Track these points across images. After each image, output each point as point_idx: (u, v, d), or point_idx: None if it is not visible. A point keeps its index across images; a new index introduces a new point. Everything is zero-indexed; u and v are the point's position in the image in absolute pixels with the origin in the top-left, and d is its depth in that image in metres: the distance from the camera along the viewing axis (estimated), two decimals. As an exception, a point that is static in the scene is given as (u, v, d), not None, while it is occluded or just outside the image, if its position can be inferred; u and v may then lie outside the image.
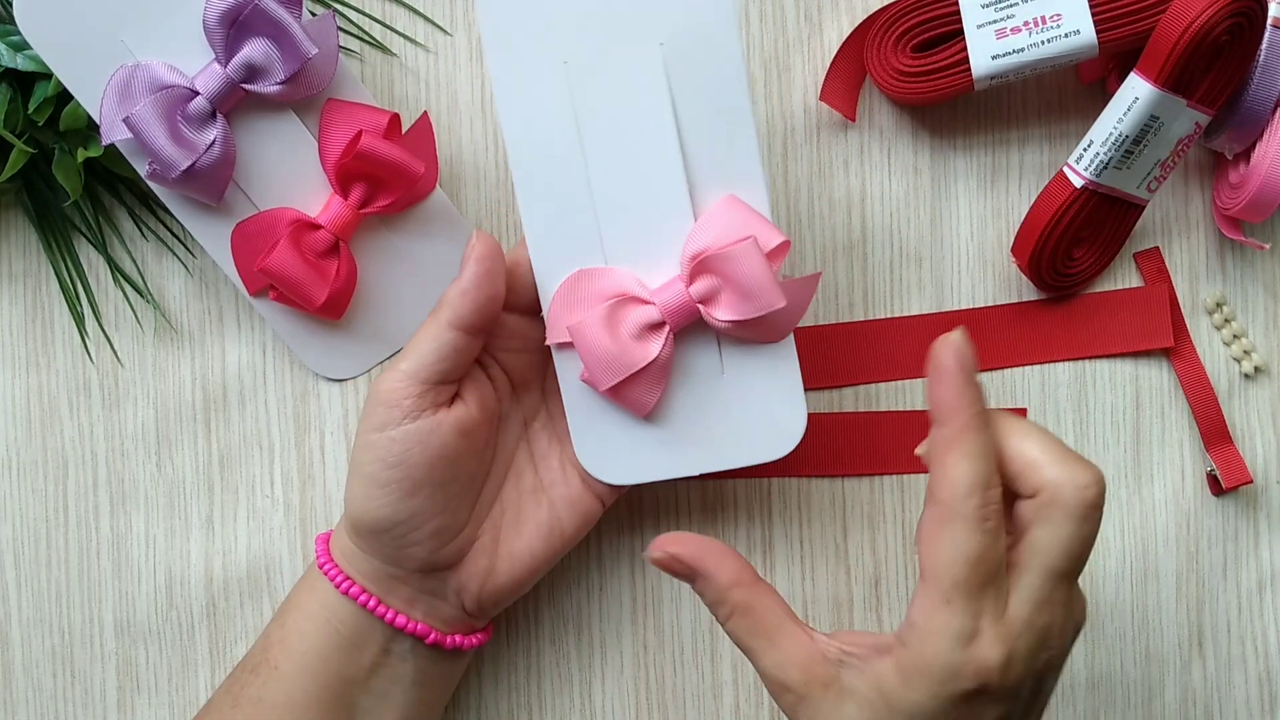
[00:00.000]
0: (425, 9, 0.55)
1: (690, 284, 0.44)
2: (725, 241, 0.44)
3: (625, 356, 0.44)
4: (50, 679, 0.55)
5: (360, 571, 0.47)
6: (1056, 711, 0.56)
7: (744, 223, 0.44)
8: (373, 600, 0.46)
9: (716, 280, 0.44)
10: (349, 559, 0.47)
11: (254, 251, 0.51)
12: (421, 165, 0.51)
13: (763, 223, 0.44)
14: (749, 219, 0.44)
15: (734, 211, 0.44)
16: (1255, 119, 0.51)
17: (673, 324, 0.44)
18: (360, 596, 0.46)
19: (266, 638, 0.48)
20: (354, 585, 0.46)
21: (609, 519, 0.55)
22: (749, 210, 0.44)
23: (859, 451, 0.55)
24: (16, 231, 0.55)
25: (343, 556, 0.47)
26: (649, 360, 0.44)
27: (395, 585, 0.47)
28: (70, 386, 0.55)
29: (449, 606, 0.48)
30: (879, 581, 0.56)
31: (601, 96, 0.44)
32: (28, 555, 0.55)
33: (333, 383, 0.55)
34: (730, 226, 0.44)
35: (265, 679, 0.47)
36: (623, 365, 0.44)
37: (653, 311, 0.44)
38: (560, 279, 0.46)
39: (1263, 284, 0.55)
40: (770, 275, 0.44)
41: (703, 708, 0.56)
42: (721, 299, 0.44)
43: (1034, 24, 0.51)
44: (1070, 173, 0.52)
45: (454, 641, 0.48)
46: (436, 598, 0.47)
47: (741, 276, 0.43)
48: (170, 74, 0.49)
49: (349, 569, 0.47)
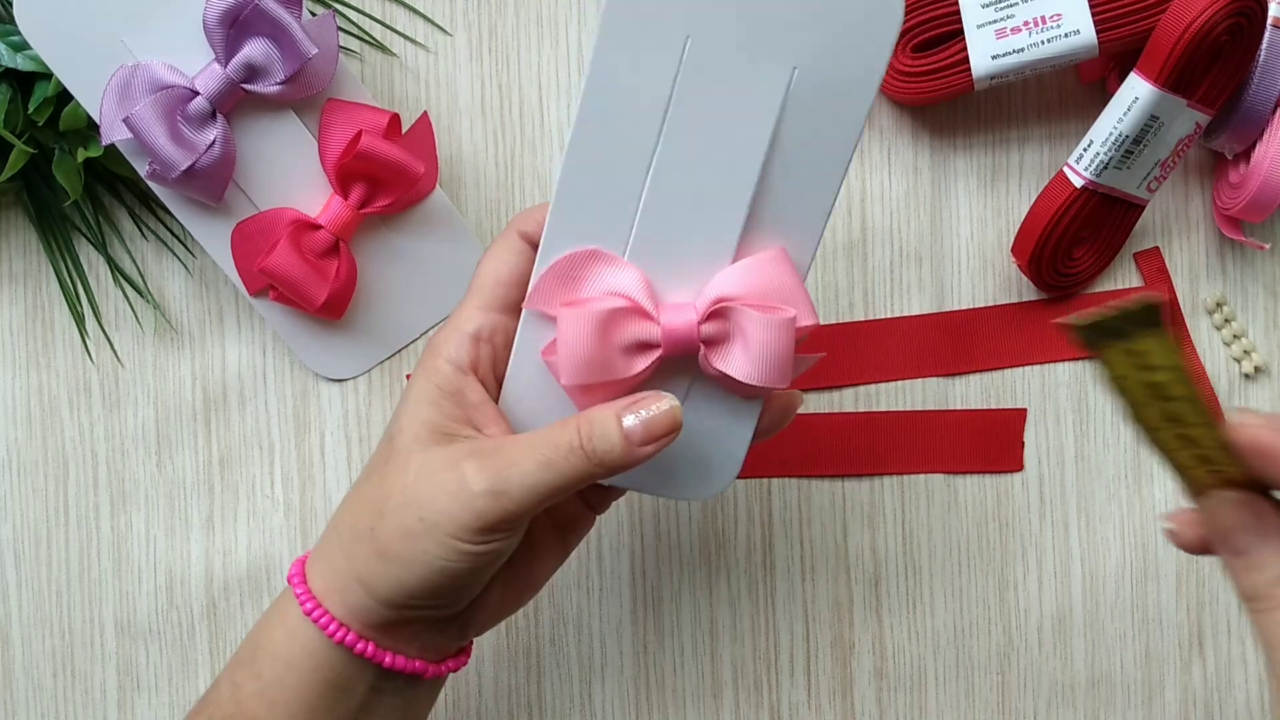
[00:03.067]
0: (425, 9, 0.55)
1: (703, 321, 0.41)
2: (757, 298, 0.41)
3: (605, 364, 0.41)
4: (50, 679, 0.55)
5: (362, 620, 0.42)
6: (1056, 711, 0.56)
7: (785, 290, 0.41)
8: (370, 647, 0.42)
9: (731, 331, 0.41)
10: (352, 609, 0.42)
11: (254, 251, 0.51)
12: (421, 165, 0.51)
13: (803, 297, 0.41)
14: (791, 288, 0.41)
15: (779, 271, 0.41)
16: (1255, 119, 0.51)
17: (666, 351, 0.41)
18: (357, 645, 0.42)
19: (237, 688, 0.43)
20: (349, 633, 0.42)
21: (609, 519, 0.55)
22: (794, 276, 0.41)
23: (859, 451, 0.55)
24: (16, 231, 0.55)
25: (341, 605, 0.42)
26: (627, 376, 0.41)
27: (399, 629, 0.42)
28: (70, 386, 0.55)
29: (448, 639, 0.44)
30: (879, 581, 0.56)
31: (707, 91, 0.40)
32: (28, 555, 0.55)
33: (333, 383, 0.55)
34: (769, 287, 0.41)
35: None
36: (598, 372, 0.41)
37: (653, 331, 0.41)
38: (570, 248, 0.42)
39: (1263, 284, 0.55)
40: (790, 357, 0.41)
41: (703, 708, 0.56)
42: (728, 352, 0.41)
43: (1034, 24, 0.51)
44: (1070, 173, 0.52)
45: (446, 668, 0.45)
46: (441, 635, 0.44)
47: (763, 346, 0.40)
48: (170, 74, 0.49)
49: (346, 616, 0.42)
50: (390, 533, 0.40)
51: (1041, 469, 0.56)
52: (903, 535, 0.55)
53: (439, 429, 0.41)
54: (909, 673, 0.56)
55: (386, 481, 0.41)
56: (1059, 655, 0.56)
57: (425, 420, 0.41)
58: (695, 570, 0.56)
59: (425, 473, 0.40)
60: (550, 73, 0.55)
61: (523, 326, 0.43)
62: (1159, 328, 0.36)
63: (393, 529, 0.40)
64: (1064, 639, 0.56)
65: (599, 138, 0.41)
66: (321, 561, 0.43)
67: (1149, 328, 0.36)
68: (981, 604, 0.56)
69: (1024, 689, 0.56)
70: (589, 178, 0.41)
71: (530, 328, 0.42)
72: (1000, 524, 0.56)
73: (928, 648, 0.56)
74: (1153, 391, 0.37)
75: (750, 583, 0.56)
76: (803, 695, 0.56)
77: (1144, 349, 0.36)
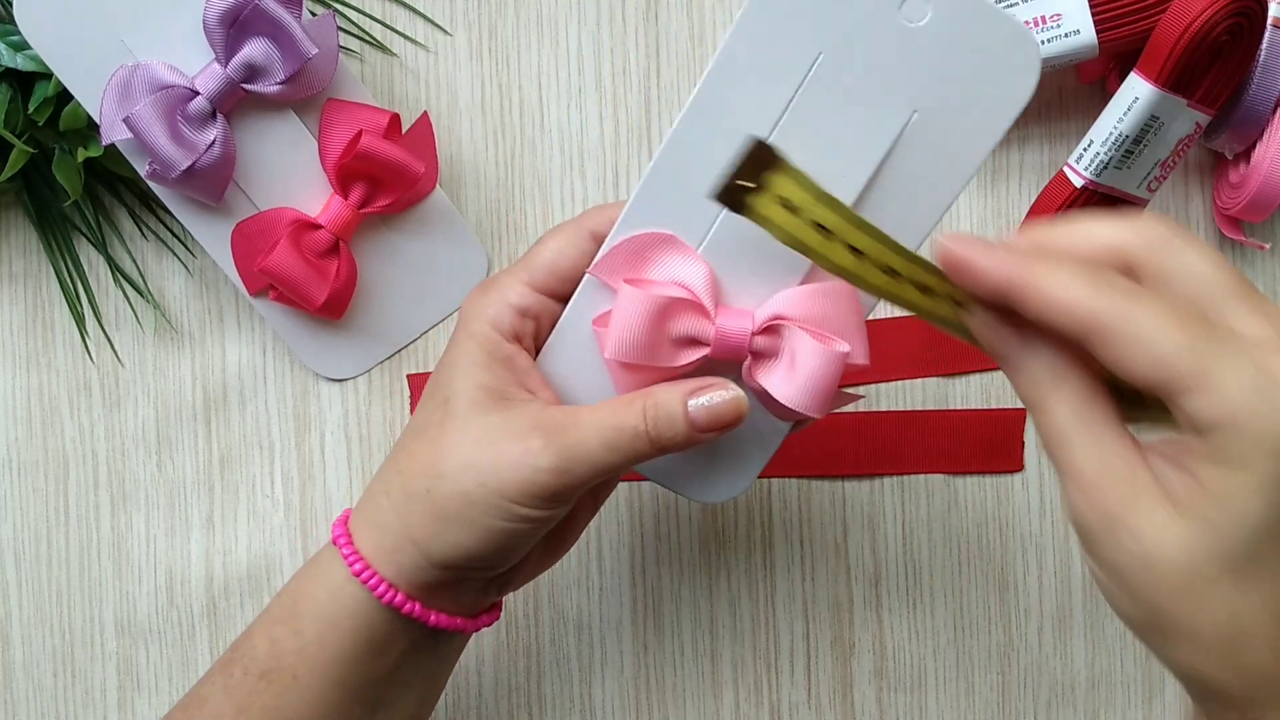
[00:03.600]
0: (425, 9, 0.55)
1: (757, 333, 0.41)
2: (815, 324, 0.41)
3: (652, 350, 0.41)
4: (51, 678, 0.55)
5: (410, 580, 0.43)
6: (1056, 711, 0.56)
7: (844, 323, 0.41)
8: (417, 607, 0.43)
9: (781, 350, 0.41)
10: (401, 568, 0.43)
11: (254, 251, 0.51)
12: (421, 165, 0.51)
13: (861, 335, 0.42)
14: (852, 325, 0.41)
15: (844, 305, 0.41)
16: (1255, 119, 0.51)
17: (715, 353, 0.41)
18: (405, 605, 0.43)
19: (275, 643, 0.44)
20: (398, 594, 0.42)
21: (609, 519, 0.55)
22: (858, 313, 0.41)
23: (859, 451, 0.55)
24: (16, 231, 0.55)
25: (389, 561, 0.43)
26: (670, 366, 0.42)
27: (445, 589, 0.43)
28: (70, 386, 0.55)
29: (485, 597, 0.45)
30: (879, 581, 0.56)
31: (823, 111, 0.40)
32: (28, 555, 0.55)
33: (333, 383, 0.55)
34: (829, 316, 0.41)
35: (281, 689, 0.43)
36: (643, 354, 0.41)
37: (707, 330, 0.41)
38: (649, 228, 0.42)
39: (1263, 284, 0.55)
40: (833, 391, 0.41)
41: (703, 708, 0.56)
42: (773, 369, 0.41)
43: (1034, 24, 0.51)
44: (1070, 172, 0.52)
45: (481, 623, 0.46)
46: (481, 594, 0.45)
47: (809, 372, 0.40)
48: (170, 74, 0.49)
49: (395, 577, 0.43)
50: (448, 495, 0.41)
51: (1041, 469, 0.56)
52: (903, 535, 0.56)
53: (496, 392, 0.42)
54: (909, 673, 0.56)
55: (443, 443, 0.42)
56: (1059, 655, 0.56)
57: (480, 383, 0.42)
58: (695, 570, 0.56)
59: (488, 439, 0.41)
60: (550, 73, 0.55)
61: (580, 291, 0.43)
62: (779, 161, 0.36)
63: (451, 492, 0.41)
64: (1064, 639, 0.56)
65: (705, 128, 0.41)
66: (369, 523, 0.43)
67: (770, 167, 0.36)
68: (981, 604, 0.56)
69: (1024, 689, 0.56)
70: (686, 164, 0.41)
71: (587, 294, 0.43)
72: (1000, 524, 0.56)
73: (928, 648, 0.56)
74: (825, 232, 0.36)
75: (750, 583, 0.56)
76: (803, 695, 0.56)
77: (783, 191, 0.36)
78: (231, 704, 0.44)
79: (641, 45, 0.55)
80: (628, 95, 0.55)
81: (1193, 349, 0.33)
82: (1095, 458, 0.35)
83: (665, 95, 0.55)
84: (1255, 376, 0.33)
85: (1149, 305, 0.33)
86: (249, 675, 0.44)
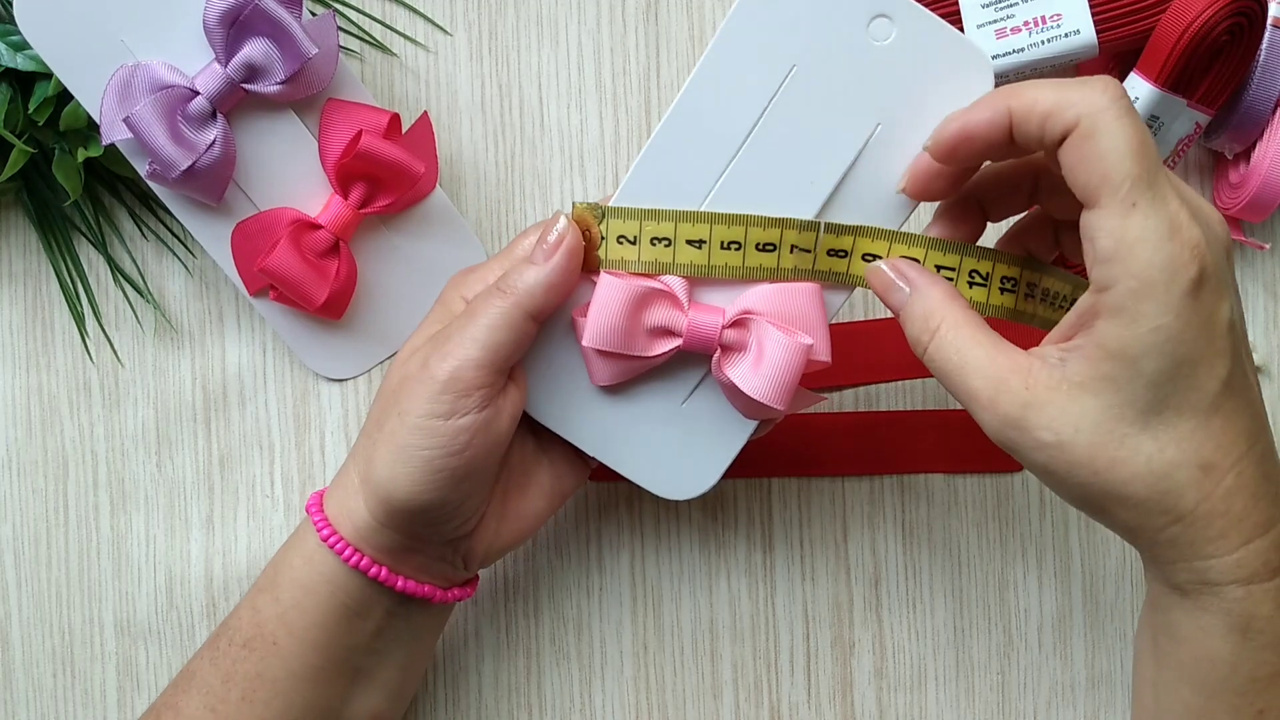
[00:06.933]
0: (425, 9, 0.55)
1: (727, 326, 0.44)
2: (782, 320, 0.44)
3: (628, 338, 0.44)
4: (50, 679, 0.55)
5: (371, 543, 0.45)
6: (1056, 711, 0.56)
7: (810, 321, 0.44)
8: (384, 572, 0.45)
9: (749, 343, 0.44)
10: (360, 531, 0.45)
11: (254, 251, 0.51)
12: (421, 165, 0.51)
13: (824, 333, 0.44)
14: (816, 321, 0.44)
15: (809, 304, 0.44)
16: (1255, 119, 0.51)
17: (686, 344, 0.44)
18: (371, 569, 0.45)
19: (257, 611, 0.46)
20: (363, 558, 0.45)
21: (609, 519, 0.55)
22: (821, 312, 0.44)
23: (859, 451, 0.55)
24: (16, 231, 0.55)
25: (351, 526, 0.45)
26: (644, 355, 0.44)
27: (407, 555, 0.46)
28: (70, 386, 0.55)
29: (453, 568, 0.47)
30: (879, 581, 0.56)
31: (794, 120, 0.43)
32: (28, 555, 0.55)
33: (333, 383, 0.55)
34: (796, 313, 0.44)
35: (263, 655, 0.46)
36: (619, 342, 0.44)
37: (680, 321, 0.44)
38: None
39: (1263, 284, 0.55)
40: (795, 383, 0.43)
41: (703, 708, 0.56)
42: (739, 360, 0.44)
43: (1034, 24, 0.51)
44: (1070, 173, 0.52)
45: (453, 595, 0.48)
46: (445, 562, 0.47)
47: (774, 364, 0.43)
48: (170, 74, 0.49)
49: (358, 540, 0.45)
50: (381, 436, 0.44)
51: (1041, 469, 0.56)
52: (903, 535, 0.56)
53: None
54: (909, 673, 0.56)
55: (400, 391, 0.44)
56: (1059, 655, 0.56)
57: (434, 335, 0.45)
58: (695, 570, 0.56)
59: (406, 378, 0.44)
60: (550, 73, 0.55)
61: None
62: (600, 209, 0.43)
63: (382, 432, 0.44)
64: (1064, 639, 0.56)
65: (684, 133, 0.44)
66: (336, 490, 0.46)
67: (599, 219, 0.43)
68: (981, 604, 0.56)
69: (1024, 689, 0.56)
70: (665, 167, 0.44)
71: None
72: (1000, 524, 0.56)
73: (928, 648, 0.56)
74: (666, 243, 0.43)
75: (750, 583, 0.56)
76: (803, 695, 0.56)
77: (618, 231, 0.43)
78: (218, 674, 0.46)
79: (641, 45, 0.55)
80: (628, 95, 0.55)
81: (1138, 175, 0.36)
82: (990, 374, 0.39)
83: (665, 95, 0.55)
84: (1160, 223, 0.36)
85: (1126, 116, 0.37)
86: (233, 645, 0.46)
